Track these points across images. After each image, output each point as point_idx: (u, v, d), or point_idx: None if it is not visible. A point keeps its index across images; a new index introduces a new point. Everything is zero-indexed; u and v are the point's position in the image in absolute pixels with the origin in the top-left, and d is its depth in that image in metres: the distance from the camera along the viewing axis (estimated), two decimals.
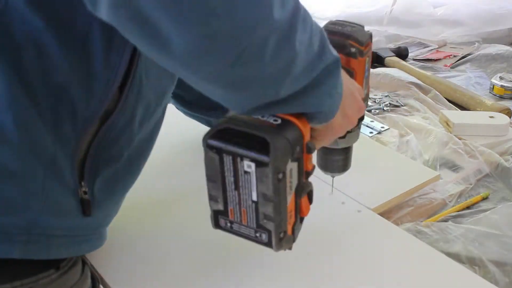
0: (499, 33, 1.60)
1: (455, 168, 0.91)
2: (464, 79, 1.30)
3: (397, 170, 0.86)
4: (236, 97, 0.45)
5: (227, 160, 0.48)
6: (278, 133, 0.47)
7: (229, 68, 0.39)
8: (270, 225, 0.50)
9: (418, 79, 1.28)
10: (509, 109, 1.09)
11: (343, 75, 0.52)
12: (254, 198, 0.49)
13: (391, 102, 1.16)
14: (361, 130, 0.55)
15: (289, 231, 0.52)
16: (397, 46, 1.45)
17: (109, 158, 0.54)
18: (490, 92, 1.23)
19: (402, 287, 0.63)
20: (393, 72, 1.27)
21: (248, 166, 0.47)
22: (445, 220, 0.78)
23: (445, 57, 1.44)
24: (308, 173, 0.53)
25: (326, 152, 0.71)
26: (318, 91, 0.46)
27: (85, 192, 0.53)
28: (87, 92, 0.48)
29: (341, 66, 0.48)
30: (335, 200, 0.77)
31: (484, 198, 0.84)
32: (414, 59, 1.44)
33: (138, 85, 0.52)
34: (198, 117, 0.90)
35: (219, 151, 0.47)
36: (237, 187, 0.49)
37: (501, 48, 1.45)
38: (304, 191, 0.53)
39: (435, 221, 0.77)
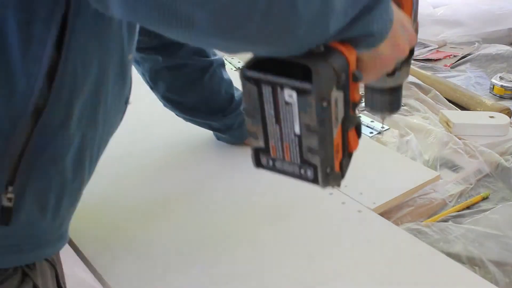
0: (499, 33, 1.59)
1: (455, 168, 0.91)
2: (464, 79, 1.30)
3: (397, 170, 0.86)
4: (283, 49, 0.41)
5: (267, 91, 0.44)
6: (321, 59, 0.43)
7: (263, 24, 0.36)
8: (316, 159, 0.46)
9: (418, 79, 1.28)
10: (509, 109, 1.09)
11: (393, 5, 0.49)
12: (297, 131, 0.45)
13: None
14: (361, 130, 0.53)
15: (337, 167, 0.48)
16: None
17: (45, 162, 0.50)
18: (490, 92, 1.23)
19: (402, 287, 0.63)
20: None
21: (289, 95, 0.43)
22: (445, 220, 0.78)
23: (445, 57, 1.44)
24: (355, 105, 0.49)
25: (373, 91, 0.66)
26: (367, 17, 0.43)
27: (9, 199, 0.48)
28: (7, 87, 0.45)
29: None
30: (335, 200, 0.77)
31: (484, 198, 0.84)
32: (414, 59, 1.43)
33: (72, 79, 0.48)
34: (199, 122, 0.89)
35: (257, 82, 0.44)
36: (278, 120, 0.45)
37: (501, 48, 1.45)
38: (352, 123, 0.49)
39: (435, 221, 0.77)
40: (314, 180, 0.48)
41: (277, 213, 0.74)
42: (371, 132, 1.02)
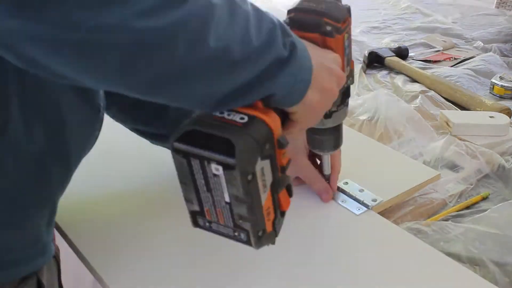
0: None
1: (456, 168, 0.91)
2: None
3: (397, 169, 0.86)
4: (187, 99, 0.44)
5: (195, 163, 0.46)
6: (244, 132, 0.45)
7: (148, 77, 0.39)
8: (247, 225, 0.48)
9: (418, 79, 1.28)
10: (509, 109, 1.09)
11: (313, 49, 0.50)
12: (227, 199, 0.47)
13: None
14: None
15: (269, 228, 0.51)
16: (397, 46, 1.45)
17: None
18: (490, 92, 1.23)
19: (402, 287, 0.62)
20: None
21: (216, 169, 0.45)
22: (445, 220, 0.78)
23: (445, 59, 1.44)
24: (284, 168, 0.50)
25: (314, 132, 0.69)
26: (275, 79, 0.45)
27: None
28: None
29: (303, 51, 0.47)
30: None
31: (484, 198, 0.84)
32: (413, 59, 1.44)
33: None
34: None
35: (186, 155, 0.46)
36: (209, 189, 0.47)
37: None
38: (281, 186, 0.50)
39: (435, 221, 0.77)
40: (248, 242, 0.50)
41: None
42: (359, 209, 0.76)
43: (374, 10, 1.86)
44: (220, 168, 0.45)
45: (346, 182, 0.80)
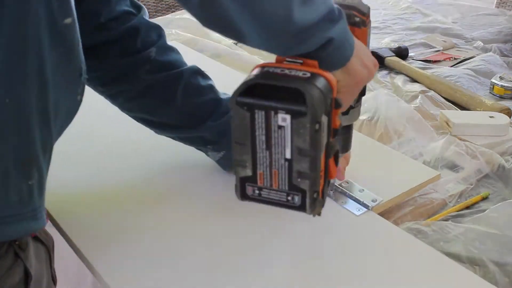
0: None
1: (456, 168, 0.91)
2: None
3: (397, 170, 0.86)
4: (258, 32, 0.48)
5: (259, 116, 0.46)
6: (311, 83, 0.47)
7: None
8: (305, 184, 0.48)
9: (418, 79, 1.28)
10: (509, 109, 1.09)
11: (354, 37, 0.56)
12: (288, 155, 0.47)
13: None
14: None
15: (320, 194, 0.51)
16: (397, 46, 1.45)
17: None
18: (490, 92, 1.23)
19: (402, 287, 0.63)
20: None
21: (283, 119, 0.45)
22: (445, 220, 0.78)
23: (445, 59, 1.44)
24: (336, 131, 0.52)
25: None
26: (335, 23, 0.51)
27: None
28: None
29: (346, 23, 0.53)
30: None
31: (484, 198, 0.84)
32: (413, 59, 1.44)
33: None
34: (189, 137, 0.82)
35: (251, 107, 0.46)
36: (268, 146, 0.47)
37: None
38: (332, 151, 0.51)
39: (435, 221, 0.77)
40: (301, 207, 0.50)
41: (276, 213, 0.74)
42: (359, 209, 0.76)
43: (374, 10, 1.85)
44: (288, 117, 0.45)
45: (346, 182, 0.80)
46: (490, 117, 1.03)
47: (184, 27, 1.67)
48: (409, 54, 1.44)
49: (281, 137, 0.46)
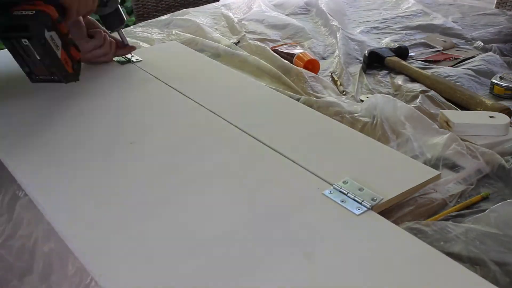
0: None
1: (456, 168, 0.91)
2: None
3: (397, 170, 0.86)
4: None
5: (13, 41, 0.89)
6: (32, 18, 0.88)
7: None
8: (54, 70, 0.93)
9: (418, 79, 1.28)
10: (509, 109, 1.09)
11: None
12: (38, 58, 0.90)
13: None
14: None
15: (70, 70, 0.96)
16: (397, 46, 1.45)
17: None
18: (490, 92, 1.23)
19: (402, 287, 0.62)
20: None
21: (25, 41, 0.88)
22: (445, 220, 0.78)
23: (445, 59, 1.44)
24: (66, 34, 0.95)
25: (104, 19, 1.14)
26: None
27: None
28: None
29: None
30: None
31: (484, 198, 0.84)
32: (413, 59, 1.44)
33: None
34: None
35: (8, 39, 0.90)
36: (29, 55, 0.90)
37: None
38: (70, 45, 0.96)
39: (436, 221, 0.77)
40: (61, 81, 0.96)
41: (276, 213, 0.74)
42: (359, 209, 0.74)
43: (374, 10, 1.86)
44: (26, 40, 0.88)
45: (346, 181, 0.79)
46: (490, 117, 1.03)
47: (184, 27, 1.68)
48: (409, 54, 1.44)
49: (30, 50, 0.89)
